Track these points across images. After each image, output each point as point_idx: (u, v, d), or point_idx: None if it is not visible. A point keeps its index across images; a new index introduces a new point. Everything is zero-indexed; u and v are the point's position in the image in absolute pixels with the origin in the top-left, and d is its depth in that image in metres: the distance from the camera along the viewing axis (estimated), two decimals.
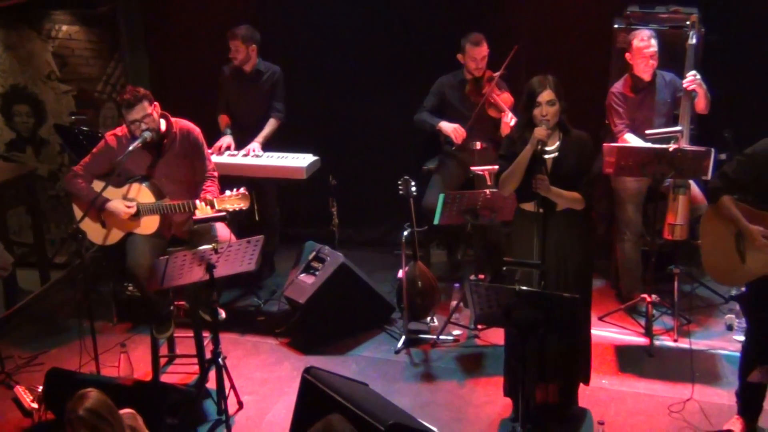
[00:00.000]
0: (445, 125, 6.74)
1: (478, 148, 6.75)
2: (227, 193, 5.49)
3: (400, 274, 6.33)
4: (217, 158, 6.69)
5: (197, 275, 5.16)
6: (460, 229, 6.62)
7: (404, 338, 6.31)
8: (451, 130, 6.71)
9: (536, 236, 4.99)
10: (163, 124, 5.70)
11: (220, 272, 5.19)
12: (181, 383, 5.82)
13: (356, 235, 7.41)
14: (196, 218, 5.56)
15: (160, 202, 5.65)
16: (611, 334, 6.34)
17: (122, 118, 5.64)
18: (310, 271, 6.51)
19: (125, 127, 5.68)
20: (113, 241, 5.80)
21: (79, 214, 5.74)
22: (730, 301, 6.58)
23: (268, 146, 6.96)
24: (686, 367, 5.80)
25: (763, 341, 5.02)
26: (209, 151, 6.11)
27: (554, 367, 5.22)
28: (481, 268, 6.74)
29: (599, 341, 5.94)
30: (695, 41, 6.18)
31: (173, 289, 5.51)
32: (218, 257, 5.09)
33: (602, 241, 6.95)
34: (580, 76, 6.50)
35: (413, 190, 6.25)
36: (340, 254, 6.49)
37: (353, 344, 6.38)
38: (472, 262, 6.93)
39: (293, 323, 6.53)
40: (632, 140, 6.22)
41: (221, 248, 5.08)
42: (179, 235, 5.87)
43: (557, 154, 5.03)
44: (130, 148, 5.49)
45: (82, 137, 6.96)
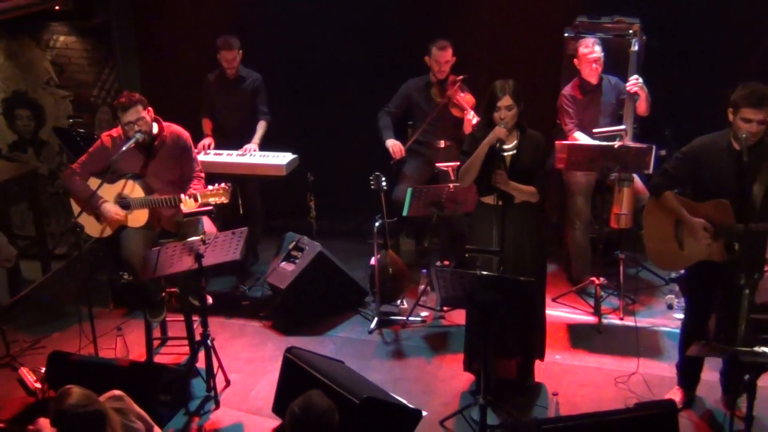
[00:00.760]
0: (387, 142, 6.77)
1: (442, 146, 6.76)
2: (210, 188, 5.50)
3: (372, 261, 6.32)
4: (204, 157, 6.67)
5: (187, 264, 5.15)
6: (426, 219, 6.61)
7: (377, 319, 6.30)
8: (389, 146, 6.75)
9: (495, 226, 4.98)
10: (155, 127, 5.67)
11: (207, 261, 5.17)
12: (173, 363, 5.78)
13: (332, 226, 7.38)
14: (185, 212, 5.54)
15: (148, 196, 5.62)
16: (564, 313, 6.37)
17: (118, 119, 5.60)
18: (290, 259, 6.49)
19: (120, 128, 5.65)
20: (108, 233, 5.77)
21: (76, 209, 5.72)
22: (670, 283, 6.63)
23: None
24: (631, 342, 5.83)
25: (700, 319, 5.06)
26: (195, 151, 6.08)
27: (513, 344, 5.24)
28: (445, 255, 6.74)
29: (553, 320, 5.95)
30: (637, 48, 6.22)
31: (165, 277, 5.47)
32: (206, 248, 5.09)
33: (555, 229, 6.98)
34: (534, 79, 6.50)
35: (384, 184, 6.25)
36: (317, 244, 6.48)
37: (330, 326, 6.36)
38: (437, 249, 6.93)
39: (275, 307, 6.52)
40: (581, 138, 6.24)
41: (209, 239, 5.09)
42: (168, 227, 5.84)
43: (515, 151, 5.04)
44: (123, 148, 5.49)
45: (79, 138, 6.95)
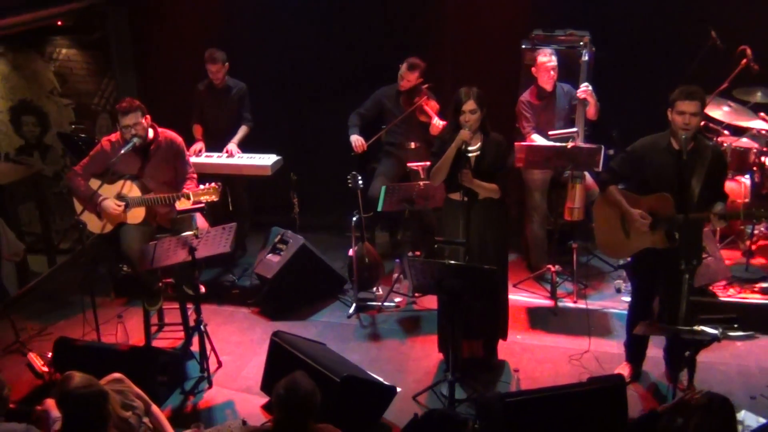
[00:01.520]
0: (351, 137, 6.73)
1: (412, 147, 6.76)
2: (201, 187, 5.49)
3: (350, 252, 6.32)
4: (196, 159, 6.63)
5: (181, 257, 5.14)
6: (399, 214, 6.61)
7: (355, 305, 6.29)
8: (353, 141, 6.71)
9: (462, 220, 5.00)
10: (150, 132, 5.63)
11: (200, 254, 5.16)
12: (169, 347, 5.75)
13: (314, 221, 7.36)
14: (179, 209, 5.58)
15: (145, 195, 5.60)
16: (523, 298, 6.39)
17: (117, 123, 5.57)
18: (276, 251, 6.47)
19: (119, 133, 5.60)
20: (109, 229, 5.73)
21: (79, 207, 5.66)
22: (618, 269, 6.65)
23: (239, 148, 6.89)
24: (584, 323, 5.85)
25: (645, 301, 5.11)
26: (188, 154, 6.04)
27: (478, 326, 5.26)
28: (417, 246, 6.74)
29: (514, 304, 5.96)
30: (587, 58, 6.24)
31: (161, 268, 5.44)
32: (199, 241, 5.08)
33: (515, 222, 6.99)
34: (495, 87, 6.48)
35: (360, 183, 6.22)
36: (300, 237, 6.46)
37: (313, 311, 6.35)
38: (409, 241, 6.93)
39: (262, 295, 6.48)
40: (538, 140, 6.26)
41: (201, 234, 5.09)
42: (164, 224, 5.81)
43: (479, 152, 5.05)
44: (121, 151, 5.46)
45: (80, 143, 6.92)
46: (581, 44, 6.33)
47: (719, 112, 6.42)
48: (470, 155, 5.00)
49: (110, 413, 3.75)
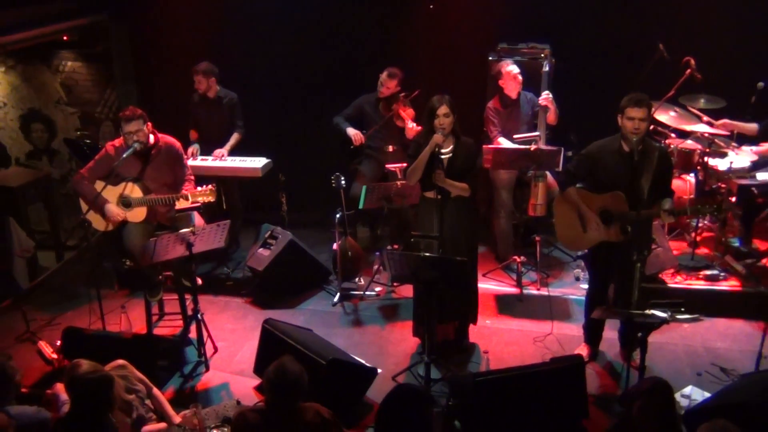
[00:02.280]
0: (349, 130, 6.70)
1: (390, 150, 6.74)
2: (198, 189, 5.47)
3: (334, 246, 6.30)
4: (193, 162, 6.58)
5: (179, 252, 5.11)
6: (379, 211, 6.59)
7: (339, 294, 6.28)
8: (352, 134, 6.67)
9: (436, 216, 5.00)
10: (151, 138, 5.59)
11: (197, 249, 5.13)
12: (169, 334, 5.70)
13: (301, 218, 7.31)
14: (178, 208, 5.59)
15: (146, 196, 5.56)
16: (492, 286, 6.39)
17: (120, 128, 5.53)
18: (266, 246, 6.44)
19: (122, 138, 5.56)
20: (112, 227, 5.67)
21: (85, 207, 5.62)
22: (576, 259, 6.68)
23: (231, 153, 6.85)
24: (546, 309, 5.89)
25: (601, 288, 5.14)
26: (186, 158, 6.00)
27: (451, 312, 5.26)
28: (395, 240, 6.74)
29: (483, 292, 5.97)
30: (548, 69, 6.27)
31: (161, 262, 5.39)
32: (195, 237, 5.05)
33: (484, 218, 7.00)
34: (464, 95, 6.48)
35: (343, 183, 6.22)
36: (288, 233, 6.43)
37: (300, 300, 6.32)
38: (388, 236, 6.92)
39: (254, 286, 6.45)
40: (504, 143, 6.27)
41: (198, 231, 5.06)
42: (163, 221, 5.76)
43: (451, 155, 5.05)
44: (123, 155, 5.42)
45: (85, 148, 6.87)
46: (542, 56, 6.36)
47: (666, 116, 6.46)
48: (443, 157, 5.00)
49: (115, 397, 3.74)
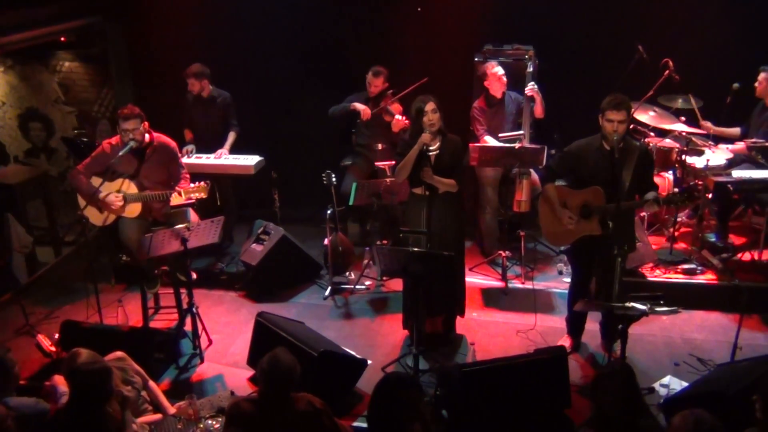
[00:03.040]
0: (356, 104, 6.65)
1: (380, 148, 6.75)
2: (191, 185, 5.47)
3: (325, 241, 6.29)
4: (188, 160, 6.58)
5: (175, 247, 5.09)
6: (368, 207, 6.59)
7: (330, 288, 6.28)
8: (361, 108, 6.62)
9: (424, 211, 5.01)
10: (147, 137, 5.56)
11: (192, 244, 5.12)
12: (165, 327, 5.70)
13: (293, 214, 7.30)
14: (172, 204, 5.55)
15: (142, 192, 5.54)
16: (478, 280, 6.41)
17: (117, 126, 5.50)
18: (259, 241, 6.43)
19: (119, 136, 5.54)
20: (109, 222, 5.65)
21: (82, 203, 5.61)
22: (559, 254, 6.68)
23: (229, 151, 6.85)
24: (531, 301, 5.89)
25: (583, 281, 5.16)
26: (181, 156, 5.98)
27: (439, 305, 5.27)
28: (384, 235, 6.74)
29: (470, 285, 5.97)
30: (532, 69, 6.28)
31: (157, 257, 5.38)
32: (190, 233, 5.04)
33: (470, 213, 7.01)
34: (451, 95, 6.49)
35: (333, 180, 6.22)
36: (281, 228, 6.41)
37: (292, 294, 6.31)
38: (377, 231, 6.91)
39: (248, 280, 6.44)
40: (490, 141, 6.28)
41: (192, 226, 5.05)
42: (159, 218, 5.74)
43: (438, 152, 5.05)
44: (120, 153, 5.41)
45: (82, 146, 6.82)
46: (526, 57, 6.36)
47: (646, 116, 6.49)
48: (431, 154, 5.00)
49: (114, 388, 3.70)
